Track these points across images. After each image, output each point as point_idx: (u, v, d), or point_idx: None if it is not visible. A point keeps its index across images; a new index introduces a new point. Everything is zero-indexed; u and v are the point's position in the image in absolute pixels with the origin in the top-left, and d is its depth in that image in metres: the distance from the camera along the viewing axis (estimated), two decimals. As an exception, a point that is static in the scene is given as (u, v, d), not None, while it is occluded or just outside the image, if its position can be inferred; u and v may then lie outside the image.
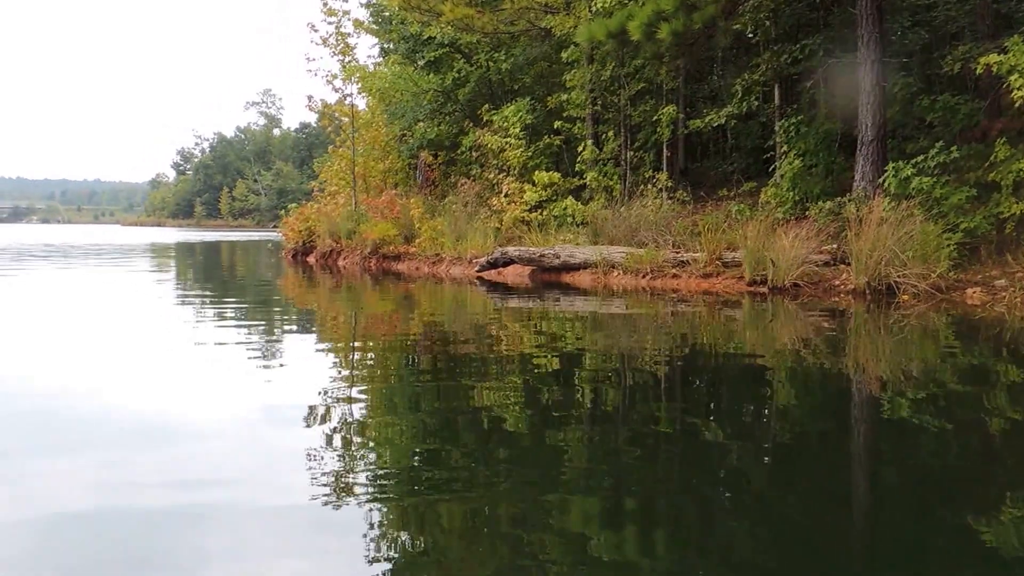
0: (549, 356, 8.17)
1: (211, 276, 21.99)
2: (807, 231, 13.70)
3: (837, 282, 13.24)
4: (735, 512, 4.02)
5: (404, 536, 3.65)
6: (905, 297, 12.10)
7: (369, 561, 3.35)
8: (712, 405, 6.40)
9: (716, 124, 19.23)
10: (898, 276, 12.38)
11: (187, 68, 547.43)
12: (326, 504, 3.90)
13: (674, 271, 15.16)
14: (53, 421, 5.45)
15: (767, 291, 13.31)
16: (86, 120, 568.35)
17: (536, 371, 7.39)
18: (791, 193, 16.32)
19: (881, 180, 14.18)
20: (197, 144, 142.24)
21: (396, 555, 3.44)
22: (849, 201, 14.49)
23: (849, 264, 13.16)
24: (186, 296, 15.12)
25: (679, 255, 15.41)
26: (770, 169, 17.90)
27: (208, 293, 15.84)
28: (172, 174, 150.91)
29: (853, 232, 12.89)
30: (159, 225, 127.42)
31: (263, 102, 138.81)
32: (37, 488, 4.15)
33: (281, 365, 7.62)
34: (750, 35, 20.02)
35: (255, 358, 8.03)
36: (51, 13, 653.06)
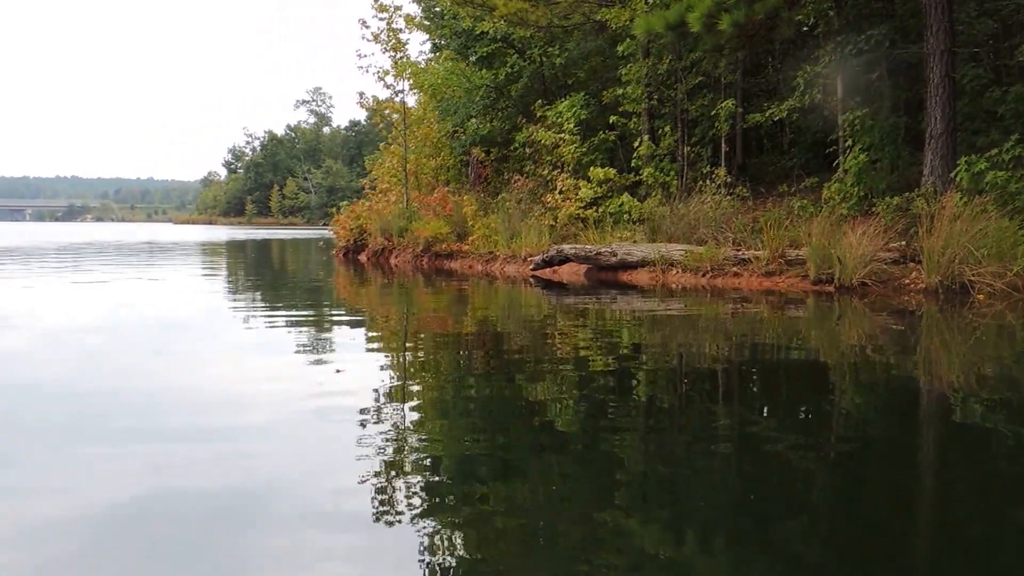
0: (606, 357, 7.97)
1: (263, 274, 22.01)
2: (874, 228, 13.23)
3: (907, 281, 12.77)
4: (798, 516, 3.87)
5: (456, 540, 3.53)
6: (980, 296, 11.62)
7: (420, 565, 3.25)
8: (776, 409, 6.09)
9: (777, 118, 18.77)
10: (972, 275, 11.91)
11: (241, 68, 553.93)
12: (376, 505, 3.83)
13: (735, 269, 14.74)
14: (105, 417, 5.43)
15: (834, 290, 12.86)
16: (139, 120, 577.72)
17: (593, 372, 7.20)
18: (856, 189, 15.86)
19: (952, 175, 13.71)
20: (248, 143, 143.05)
21: (447, 559, 3.33)
22: (918, 196, 14.02)
23: (919, 262, 12.68)
24: (239, 293, 15.09)
25: (740, 253, 14.99)
26: (833, 164, 17.39)
27: (261, 290, 15.81)
28: (223, 172, 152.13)
29: (924, 229, 12.42)
30: (210, 223, 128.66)
31: (313, 100, 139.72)
32: (88, 485, 4.13)
33: (334, 364, 7.45)
34: (805, 28, 19.54)
35: (307, 356, 7.98)
36: (105, 16, 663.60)
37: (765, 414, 5.82)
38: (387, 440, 4.87)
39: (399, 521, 3.64)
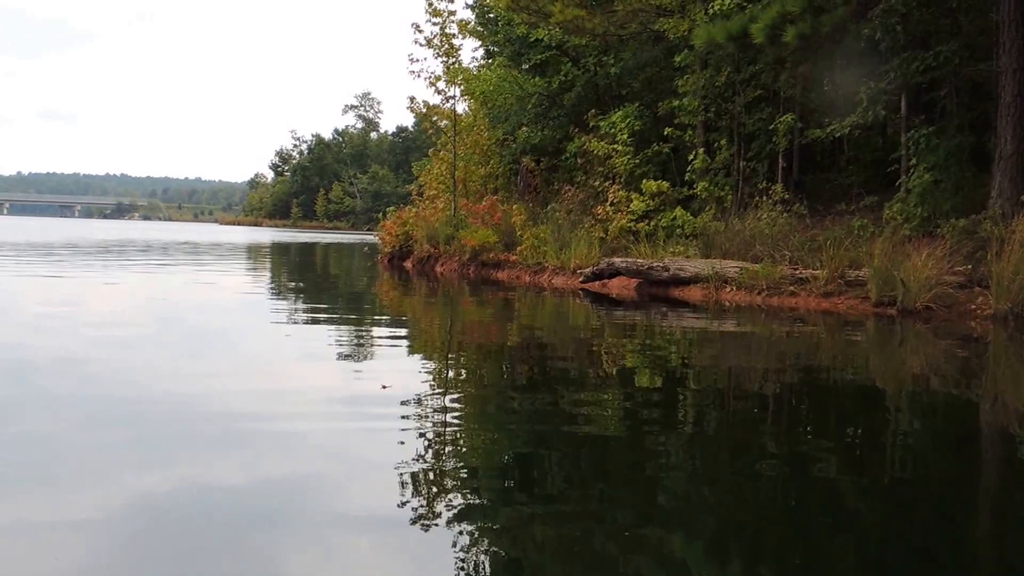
0: (655, 375, 7.80)
1: (307, 278, 21.96)
2: (940, 250, 12.76)
3: (973, 306, 12.26)
4: (845, 543, 3.71)
5: (492, 550, 3.48)
6: (1053, 325, 11.15)
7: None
8: (828, 436, 5.79)
9: (838, 134, 18.28)
10: (1045, 302, 11.44)
11: (289, 70, 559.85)
12: (413, 514, 3.77)
13: (791, 289, 14.29)
14: (143, 418, 5.36)
15: (896, 313, 12.40)
16: (188, 120, 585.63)
17: (640, 390, 7.08)
18: (919, 209, 15.34)
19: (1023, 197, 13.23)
20: (295, 146, 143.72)
21: (484, 570, 3.30)
22: (985, 219, 13.55)
23: (987, 287, 12.19)
24: (282, 298, 15.05)
25: (797, 272, 14.55)
26: (896, 183, 16.89)
27: (304, 295, 15.74)
28: (270, 175, 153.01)
29: (993, 252, 11.95)
30: (256, 225, 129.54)
31: (361, 105, 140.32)
32: (126, 486, 4.10)
33: (375, 372, 7.33)
34: (862, 43, 19.05)
35: (349, 363, 7.95)
36: (158, 19, 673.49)
37: (816, 441, 5.57)
38: (427, 451, 4.79)
39: (434, 529, 3.60)
